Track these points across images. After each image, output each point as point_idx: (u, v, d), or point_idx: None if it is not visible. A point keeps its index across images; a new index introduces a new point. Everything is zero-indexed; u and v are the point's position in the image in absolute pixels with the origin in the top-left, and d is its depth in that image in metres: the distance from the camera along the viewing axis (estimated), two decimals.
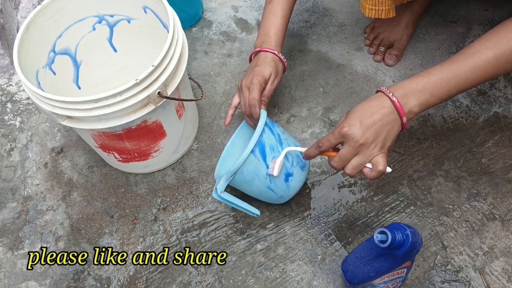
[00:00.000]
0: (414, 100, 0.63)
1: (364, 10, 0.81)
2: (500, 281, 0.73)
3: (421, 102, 0.63)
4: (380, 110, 0.63)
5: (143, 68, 0.65)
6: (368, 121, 0.62)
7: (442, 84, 0.63)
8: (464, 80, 0.63)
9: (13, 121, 0.99)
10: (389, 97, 0.63)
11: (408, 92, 0.63)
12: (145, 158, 0.82)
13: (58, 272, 0.80)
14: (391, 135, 0.64)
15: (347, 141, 0.62)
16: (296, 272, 0.76)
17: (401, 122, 0.64)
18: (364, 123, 0.62)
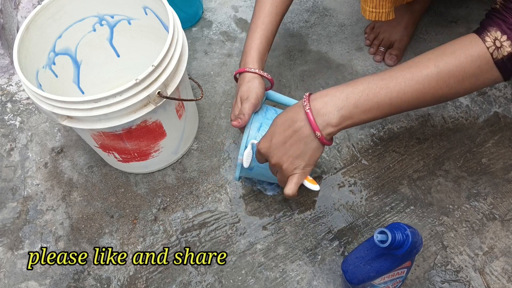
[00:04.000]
0: (334, 110, 0.55)
1: (364, 12, 0.80)
2: (500, 281, 0.73)
3: (342, 113, 0.56)
4: (293, 124, 0.57)
5: (143, 68, 0.65)
6: (278, 138, 0.58)
7: (369, 96, 0.55)
8: (396, 94, 0.55)
9: (13, 121, 0.99)
10: (304, 107, 0.56)
11: (329, 101, 0.56)
12: (145, 158, 0.82)
13: (58, 272, 0.80)
14: (305, 153, 0.58)
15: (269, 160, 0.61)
16: (296, 272, 0.76)
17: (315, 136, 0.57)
18: (275, 140, 0.59)
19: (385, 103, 0.55)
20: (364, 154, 0.87)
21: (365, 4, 0.79)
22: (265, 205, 0.83)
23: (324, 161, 0.87)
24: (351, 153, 0.87)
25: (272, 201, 0.83)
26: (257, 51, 0.74)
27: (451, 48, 0.55)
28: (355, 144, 0.88)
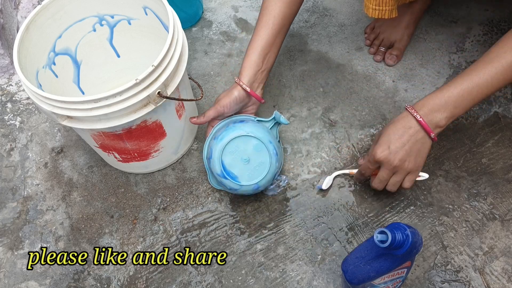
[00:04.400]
0: (439, 115, 0.67)
1: (368, 10, 0.80)
2: (500, 281, 0.73)
3: (446, 115, 0.67)
4: (408, 131, 0.68)
5: (143, 68, 0.65)
6: (397, 144, 0.68)
7: (464, 96, 0.66)
8: (486, 88, 0.66)
9: (13, 121, 0.99)
10: (414, 116, 0.68)
11: (432, 108, 0.67)
12: (145, 158, 0.82)
13: (58, 272, 0.80)
14: (422, 151, 0.70)
15: (382, 165, 0.70)
16: (296, 272, 0.76)
17: (429, 137, 0.69)
18: (394, 146, 0.68)
19: (478, 97, 0.66)
20: (364, 154, 0.87)
21: (368, 1, 0.79)
22: (265, 205, 0.83)
23: (324, 161, 0.87)
24: (351, 153, 0.87)
25: (272, 201, 0.83)
26: (248, 65, 0.79)
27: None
28: (355, 144, 0.88)
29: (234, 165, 0.75)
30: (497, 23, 1.02)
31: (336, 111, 0.93)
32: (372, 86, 0.96)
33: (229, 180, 0.75)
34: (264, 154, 0.75)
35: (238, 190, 0.76)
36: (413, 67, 0.98)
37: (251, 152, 0.75)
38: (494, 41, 0.99)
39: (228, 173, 0.75)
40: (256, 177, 0.75)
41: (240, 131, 0.75)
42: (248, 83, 0.79)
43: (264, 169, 0.75)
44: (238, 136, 0.75)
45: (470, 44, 1.00)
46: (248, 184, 0.75)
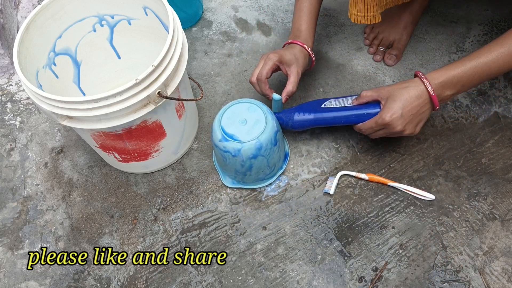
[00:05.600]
0: (448, 91, 0.72)
1: (351, 16, 0.84)
2: (500, 281, 0.73)
3: (453, 92, 0.72)
4: (417, 100, 0.72)
5: (143, 68, 0.65)
6: (407, 112, 0.72)
7: (472, 75, 0.70)
8: (495, 69, 0.70)
9: (13, 121, 0.99)
10: (428, 90, 0.72)
11: (445, 84, 0.71)
12: (145, 158, 0.82)
13: (58, 272, 0.80)
14: (423, 120, 0.75)
15: (387, 129, 0.74)
16: (296, 272, 0.76)
17: (433, 108, 0.74)
18: (405, 114, 0.72)
19: (485, 77, 0.71)
20: (364, 154, 0.87)
21: (351, 7, 0.83)
22: (265, 205, 0.83)
23: (324, 161, 0.87)
24: (351, 153, 0.87)
25: (272, 201, 0.83)
26: (308, 30, 0.85)
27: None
28: (355, 144, 0.88)
29: (233, 127, 0.77)
30: (497, 23, 1.02)
31: None
32: (372, 86, 0.96)
33: (230, 141, 0.75)
34: (259, 113, 0.78)
35: (241, 150, 0.75)
36: (413, 67, 0.98)
37: (246, 114, 0.78)
38: None
39: (229, 135, 0.76)
40: (255, 133, 0.76)
41: (235, 101, 0.80)
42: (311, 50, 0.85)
43: (261, 125, 0.76)
44: (233, 105, 0.79)
45: (470, 44, 1.00)
46: (249, 140, 0.75)
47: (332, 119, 0.80)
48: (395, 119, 0.72)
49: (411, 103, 0.72)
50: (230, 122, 0.77)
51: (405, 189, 0.81)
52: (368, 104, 0.78)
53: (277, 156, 0.81)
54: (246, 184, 0.84)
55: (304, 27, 0.85)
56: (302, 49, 0.83)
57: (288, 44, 0.85)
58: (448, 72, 0.71)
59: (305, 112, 0.82)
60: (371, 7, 0.80)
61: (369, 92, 0.77)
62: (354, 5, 0.81)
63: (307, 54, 0.84)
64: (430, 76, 0.72)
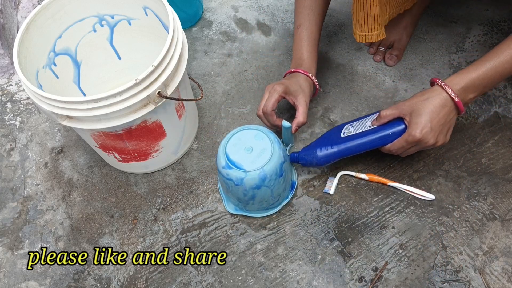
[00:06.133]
0: (470, 94, 0.71)
1: (355, 35, 0.83)
2: (500, 281, 0.73)
3: (476, 94, 0.71)
4: (443, 109, 0.70)
5: (143, 68, 0.65)
6: (436, 123, 0.70)
7: (495, 76, 0.69)
8: None
9: (13, 121, 0.99)
10: (452, 97, 0.69)
11: (467, 88, 0.70)
12: (145, 158, 0.82)
13: (58, 272, 0.80)
14: (452, 126, 0.73)
15: (418, 144, 0.72)
16: (296, 272, 0.76)
17: (458, 113, 0.72)
18: (434, 126, 0.70)
19: (505, 75, 0.69)
20: (364, 154, 0.87)
21: (355, 28, 0.82)
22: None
23: None
24: None
25: None
26: (310, 58, 0.84)
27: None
28: None
29: (238, 155, 0.74)
30: (497, 23, 1.02)
31: (336, 111, 0.93)
32: (372, 86, 0.96)
33: (234, 169, 0.72)
34: (266, 141, 0.75)
35: (244, 179, 0.73)
36: (413, 67, 0.98)
37: (253, 141, 0.75)
38: (494, 41, 1.00)
39: (232, 162, 0.73)
40: (260, 162, 0.73)
41: (243, 127, 0.77)
42: (315, 78, 0.84)
43: (267, 154, 0.73)
44: (240, 131, 0.76)
45: (470, 44, 1.00)
46: (253, 170, 0.72)
47: (357, 147, 0.77)
48: (426, 134, 0.70)
49: (438, 113, 0.70)
50: (236, 149, 0.74)
51: (405, 189, 0.81)
52: (391, 123, 0.74)
53: (282, 187, 0.78)
54: (248, 212, 0.81)
55: (306, 55, 0.84)
56: (306, 78, 0.82)
57: (290, 73, 0.84)
58: (469, 75, 0.70)
59: (327, 146, 0.78)
60: (374, 26, 0.80)
61: (389, 111, 0.74)
62: (358, 26, 0.81)
63: (312, 82, 0.83)
64: (451, 82, 0.70)
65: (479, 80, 0.69)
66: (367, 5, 0.76)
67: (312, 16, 0.84)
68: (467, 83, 0.69)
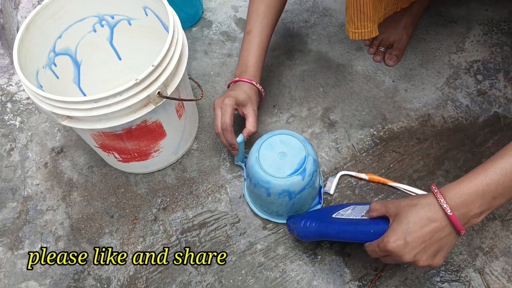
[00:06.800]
0: (474, 208, 0.54)
1: (348, 33, 0.83)
2: (500, 281, 0.73)
3: (483, 209, 0.54)
4: (430, 223, 0.55)
5: (143, 68, 0.65)
6: (415, 239, 0.55)
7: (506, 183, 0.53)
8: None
9: (13, 121, 0.99)
10: (443, 208, 0.54)
11: (467, 199, 0.54)
12: (145, 158, 0.82)
13: (58, 272, 0.80)
14: (445, 249, 0.57)
15: (392, 257, 0.58)
16: (296, 272, 0.76)
17: (457, 233, 0.56)
18: (412, 242, 0.55)
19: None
20: (364, 154, 0.87)
21: (348, 25, 0.82)
22: None
23: (324, 161, 0.87)
24: (351, 153, 0.87)
25: None
26: (256, 65, 0.81)
27: None
28: (355, 144, 0.88)
29: (271, 161, 0.72)
30: (497, 23, 1.02)
31: (336, 111, 0.93)
32: (372, 86, 0.96)
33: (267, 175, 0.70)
34: (300, 149, 0.73)
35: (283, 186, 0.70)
36: (413, 67, 0.98)
37: (286, 148, 0.73)
38: (494, 41, 1.00)
39: (266, 170, 0.71)
40: (294, 168, 0.71)
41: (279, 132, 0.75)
42: (259, 84, 0.82)
43: (302, 157, 0.71)
44: (274, 135, 0.75)
45: (470, 44, 1.00)
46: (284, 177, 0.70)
47: (336, 234, 0.65)
48: (399, 247, 0.55)
49: (421, 227, 0.55)
50: (269, 153, 0.73)
51: (405, 189, 0.81)
52: (377, 220, 0.62)
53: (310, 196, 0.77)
54: (273, 217, 0.80)
55: (252, 62, 0.81)
56: (251, 86, 0.80)
57: (234, 83, 0.82)
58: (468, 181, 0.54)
59: (312, 221, 0.69)
60: (367, 23, 0.79)
61: (378, 205, 0.62)
62: (351, 23, 0.80)
63: (257, 89, 0.82)
64: (447, 190, 0.55)
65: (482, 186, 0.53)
66: (360, 2, 0.76)
67: (264, 23, 0.82)
68: (469, 193, 0.54)
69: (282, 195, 0.72)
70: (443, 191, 0.55)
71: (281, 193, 0.71)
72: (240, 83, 0.81)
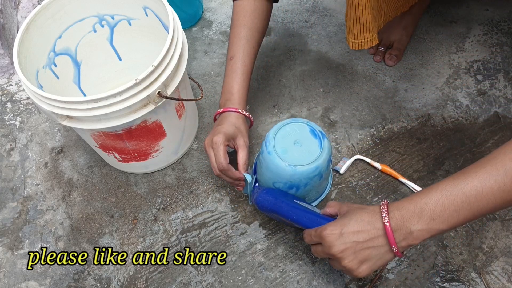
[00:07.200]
0: (411, 225, 0.53)
1: (348, 43, 0.82)
2: (500, 281, 0.73)
3: (420, 227, 0.52)
4: (370, 230, 0.56)
5: (143, 68, 0.65)
6: (350, 237, 0.56)
7: (445, 205, 0.51)
8: (475, 199, 0.50)
9: (13, 121, 0.99)
10: (382, 218, 0.55)
11: (405, 215, 0.53)
12: (145, 158, 0.82)
13: (58, 272, 0.80)
14: (375, 262, 0.56)
15: (323, 246, 0.58)
16: (296, 272, 0.76)
17: (390, 249, 0.55)
18: (346, 237, 0.56)
19: (464, 209, 0.51)
20: (364, 154, 0.87)
21: (348, 35, 0.81)
22: None
23: None
24: (351, 152, 0.87)
25: None
26: (240, 91, 0.78)
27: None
28: (355, 144, 0.88)
29: (287, 148, 0.72)
30: (497, 23, 1.02)
31: (336, 111, 0.93)
32: (372, 86, 0.96)
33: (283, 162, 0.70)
34: (314, 139, 0.72)
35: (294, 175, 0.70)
36: (413, 67, 0.98)
37: (302, 137, 0.73)
38: (494, 41, 1.00)
39: (282, 158, 0.70)
40: (312, 156, 0.70)
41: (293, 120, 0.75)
42: (244, 108, 0.79)
43: (317, 146, 0.71)
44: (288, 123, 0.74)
45: (470, 44, 1.00)
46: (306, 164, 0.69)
47: (286, 212, 0.68)
48: (333, 236, 0.56)
49: (359, 228, 0.56)
50: (284, 141, 0.72)
51: (413, 188, 0.81)
52: (328, 216, 0.64)
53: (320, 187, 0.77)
54: None
55: (236, 88, 0.78)
56: (238, 115, 0.77)
57: (220, 114, 0.79)
58: (411, 199, 0.54)
59: (273, 194, 0.72)
60: (367, 33, 0.78)
61: (334, 203, 0.64)
62: (351, 34, 0.80)
63: (244, 117, 0.78)
64: (394, 203, 0.56)
65: (420, 204, 0.53)
66: (359, 14, 0.75)
67: (246, 49, 0.80)
68: (407, 208, 0.53)
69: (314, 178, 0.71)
70: (389, 204, 0.56)
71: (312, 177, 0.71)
72: (226, 114, 0.77)
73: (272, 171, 0.72)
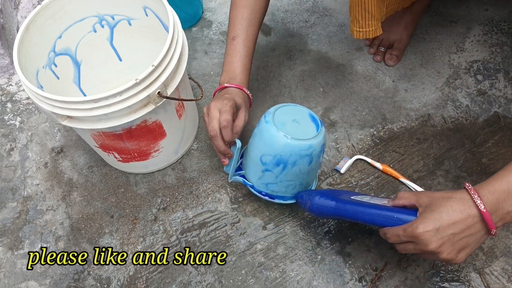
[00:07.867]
0: (507, 205, 0.54)
1: (352, 32, 0.82)
2: (500, 281, 0.73)
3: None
4: (465, 219, 0.55)
5: (143, 68, 0.65)
6: (447, 230, 0.55)
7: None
8: None
9: (13, 121, 0.99)
10: (477, 205, 0.54)
11: (500, 196, 0.54)
12: (145, 158, 0.82)
13: (58, 272, 0.80)
14: (472, 246, 0.57)
15: (417, 244, 0.57)
16: (296, 272, 0.76)
17: (488, 231, 0.55)
18: (442, 231, 0.55)
19: None
20: (364, 154, 0.87)
21: (352, 24, 0.81)
22: (265, 205, 0.83)
23: (324, 161, 0.87)
24: (351, 152, 0.87)
25: None
26: (243, 72, 0.79)
27: None
28: (355, 144, 0.88)
29: (285, 123, 0.71)
30: (497, 23, 1.02)
31: (336, 111, 0.93)
32: (372, 86, 0.96)
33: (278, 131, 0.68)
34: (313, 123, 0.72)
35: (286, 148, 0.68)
36: (413, 67, 0.98)
37: (302, 118, 0.72)
38: (494, 41, 1.00)
39: (279, 127, 0.69)
40: (308, 135, 0.69)
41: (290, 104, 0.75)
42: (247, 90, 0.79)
43: (314, 129, 0.70)
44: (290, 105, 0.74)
45: (470, 44, 1.00)
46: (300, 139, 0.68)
47: (354, 213, 0.64)
48: (428, 234, 0.55)
49: (454, 219, 0.55)
50: (283, 118, 0.71)
51: (413, 188, 0.81)
52: (404, 209, 0.61)
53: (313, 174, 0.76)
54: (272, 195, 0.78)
55: (240, 69, 0.79)
56: (242, 92, 0.77)
57: (223, 89, 0.78)
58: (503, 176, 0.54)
59: (328, 197, 0.69)
60: (372, 22, 0.79)
61: (407, 194, 0.61)
62: (355, 22, 0.80)
63: (247, 96, 0.79)
64: (481, 188, 0.55)
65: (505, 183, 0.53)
66: (365, 0, 0.76)
67: (249, 29, 0.80)
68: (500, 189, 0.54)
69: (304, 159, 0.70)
70: (478, 187, 0.55)
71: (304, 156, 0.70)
72: (229, 89, 0.77)
73: (264, 141, 0.70)
